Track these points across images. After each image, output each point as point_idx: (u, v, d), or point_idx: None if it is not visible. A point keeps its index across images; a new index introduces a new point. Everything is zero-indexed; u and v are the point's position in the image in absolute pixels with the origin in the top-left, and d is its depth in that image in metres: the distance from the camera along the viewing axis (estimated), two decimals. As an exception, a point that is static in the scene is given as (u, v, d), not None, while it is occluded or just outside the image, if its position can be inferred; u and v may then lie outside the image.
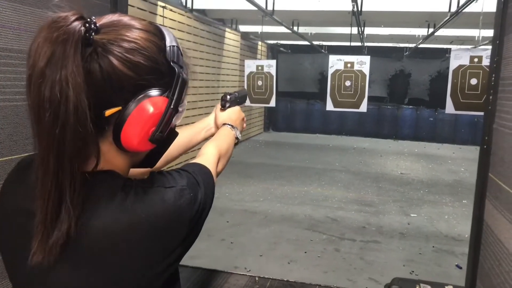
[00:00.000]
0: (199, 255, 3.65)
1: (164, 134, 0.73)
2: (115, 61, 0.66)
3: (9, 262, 0.74)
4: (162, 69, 0.72)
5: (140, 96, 0.69)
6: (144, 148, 0.73)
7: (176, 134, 0.79)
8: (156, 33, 0.73)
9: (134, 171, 0.82)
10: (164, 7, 6.20)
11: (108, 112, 0.67)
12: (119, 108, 0.68)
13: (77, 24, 0.63)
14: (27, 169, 0.74)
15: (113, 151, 0.72)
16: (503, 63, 1.28)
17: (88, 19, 0.66)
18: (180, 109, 0.74)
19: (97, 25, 0.67)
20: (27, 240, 0.69)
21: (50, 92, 0.61)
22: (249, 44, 10.93)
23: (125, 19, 0.71)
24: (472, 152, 10.61)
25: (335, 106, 5.35)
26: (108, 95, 0.67)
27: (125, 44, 0.67)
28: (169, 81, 0.72)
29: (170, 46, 0.73)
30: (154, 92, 0.70)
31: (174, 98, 0.72)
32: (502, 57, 1.28)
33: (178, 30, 6.68)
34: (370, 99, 5.80)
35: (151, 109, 0.70)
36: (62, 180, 0.64)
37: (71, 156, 0.64)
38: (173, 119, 0.74)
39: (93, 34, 0.65)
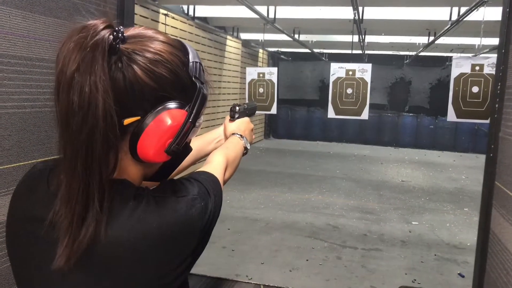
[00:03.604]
0: (201, 262, 3.62)
1: (181, 147, 0.73)
2: (138, 71, 0.67)
3: (19, 269, 0.74)
4: (184, 83, 0.73)
5: (159, 108, 0.70)
6: (160, 159, 0.73)
7: (190, 149, 0.79)
8: (180, 48, 0.75)
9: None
10: (166, 15, 6.23)
11: (126, 121, 0.68)
12: (138, 117, 0.69)
13: (105, 32, 0.65)
14: (38, 177, 0.74)
15: (128, 160, 0.73)
16: (508, 72, 1.28)
17: (116, 28, 0.67)
18: (197, 124, 0.75)
19: (124, 35, 0.68)
20: (38, 247, 0.69)
21: (79, 97, 0.62)
22: (250, 52, 10.97)
23: (151, 32, 0.73)
24: (472, 160, 10.62)
25: (336, 114, 5.36)
26: (128, 104, 0.68)
27: (150, 55, 0.69)
28: (189, 95, 0.73)
29: (193, 61, 0.75)
30: (173, 104, 0.71)
31: (194, 112, 0.73)
32: (507, 65, 1.29)
33: (180, 37, 6.70)
34: (371, 106, 5.81)
35: (169, 121, 0.70)
36: (90, 184, 0.64)
37: (100, 161, 0.64)
38: (190, 133, 0.74)
39: (120, 43, 0.67)
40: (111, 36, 0.65)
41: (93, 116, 0.62)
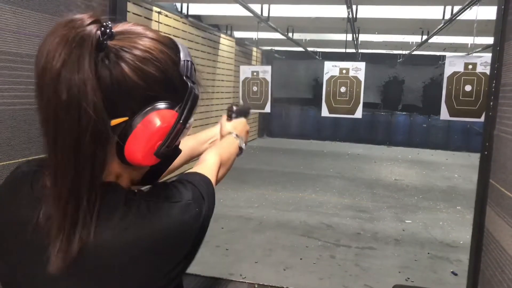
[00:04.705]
0: (194, 262, 3.57)
1: (171, 149, 0.70)
2: (126, 69, 0.64)
3: (4, 274, 0.71)
4: (174, 83, 0.70)
5: (148, 108, 0.67)
6: (148, 162, 0.70)
7: (179, 151, 0.76)
8: (171, 46, 0.71)
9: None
10: (159, 13, 6.19)
11: (113, 122, 0.64)
12: (126, 118, 0.66)
13: (93, 27, 0.62)
14: (21, 179, 0.72)
15: (115, 163, 0.69)
16: (503, 70, 1.28)
17: (104, 24, 0.64)
18: (187, 125, 0.71)
19: (113, 31, 0.65)
20: (24, 251, 0.67)
21: (66, 95, 0.59)
22: (243, 50, 10.95)
23: (140, 28, 0.70)
24: (465, 158, 10.68)
25: (330, 112, 5.37)
26: (115, 104, 0.64)
27: (138, 53, 0.65)
28: (180, 95, 0.70)
29: (184, 60, 0.71)
30: (163, 105, 0.68)
31: (185, 113, 0.70)
32: (502, 63, 1.29)
33: (173, 36, 6.67)
34: (364, 105, 5.82)
35: (158, 122, 0.67)
36: (80, 185, 0.62)
37: (89, 162, 0.62)
38: (180, 135, 0.71)
39: (107, 39, 0.63)
40: (99, 32, 0.62)
41: (82, 115, 0.59)
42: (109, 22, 0.66)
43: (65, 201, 0.62)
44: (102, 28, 0.63)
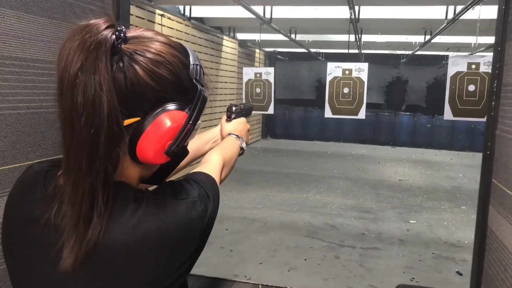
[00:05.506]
0: (199, 263, 3.58)
1: (180, 148, 0.73)
2: (140, 71, 0.67)
3: (16, 271, 0.73)
4: (185, 85, 0.73)
5: (160, 109, 0.70)
6: (159, 161, 0.73)
7: (187, 152, 0.79)
8: (181, 50, 0.75)
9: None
10: (162, 15, 6.22)
11: (126, 122, 0.67)
12: (138, 118, 0.69)
13: (108, 32, 0.65)
14: (34, 178, 0.74)
15: (126, 161, 0.72)
16: (504, 69, 1.29)
17: (119, 28, 0.67)
18: (195, 126, 0.75)
19: (126, 35, 0.68)
20: (36, 248, 0.69)
21: (83, 96, 0.62)
22: (246, 52, 10.97)
23: (151, 33, 0.73)
24: (469, 158, 10.65)
25: (333, 113, 5.37)
26: (128, 105, 0.67)
27: (151, 56, 0.68)
28: (189, 97, 0.73)
29: (193, 64, 0.75)
30: (173, 106, 0.71)
31: (194, 114, 0.73)
32: (503, 63, 1.29)
33: (177, 38, 6.68)
34: (368, 106, 5.81)
35: (169, 122, 0.70)
36: (95, 184, 0.64)
37: (104, 161, 0.64)
38: (189, 135, 0.74)
39: (121, 43, 0.66)
40: (114, 36, 0.65)
41: (98, 116, 0.62)
42: (123, 27, 0.68)
43: (81, 200, 0.64)
44: (117, 33, 0.66)
